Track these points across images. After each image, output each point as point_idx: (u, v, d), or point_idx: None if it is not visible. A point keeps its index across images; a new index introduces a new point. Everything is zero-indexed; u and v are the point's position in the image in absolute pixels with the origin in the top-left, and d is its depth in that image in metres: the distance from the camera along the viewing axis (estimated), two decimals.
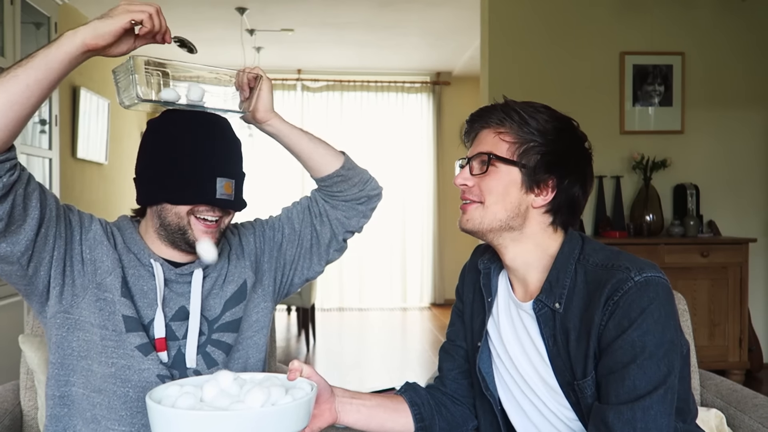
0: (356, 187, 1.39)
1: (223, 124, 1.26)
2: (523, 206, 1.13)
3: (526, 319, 1.16)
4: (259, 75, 1.25)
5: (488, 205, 1.13)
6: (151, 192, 1.23)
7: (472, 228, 1.15)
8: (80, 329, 1.18)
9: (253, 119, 1.30)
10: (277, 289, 1.41)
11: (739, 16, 4.29)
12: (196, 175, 1.19)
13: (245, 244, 1.38)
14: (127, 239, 1.25)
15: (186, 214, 1.20)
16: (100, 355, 1.18)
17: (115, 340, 1.18)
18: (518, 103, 1.15)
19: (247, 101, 1.25)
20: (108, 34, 1.01)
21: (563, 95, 4.24)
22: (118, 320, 1.18)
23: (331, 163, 1.36)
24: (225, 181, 1.21)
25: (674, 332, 1.03)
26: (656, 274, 1.04)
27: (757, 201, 4.34)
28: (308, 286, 5.20)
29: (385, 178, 7.84)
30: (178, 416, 0.90)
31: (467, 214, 1.15)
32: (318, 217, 1.41)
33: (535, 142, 1.12)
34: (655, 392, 0.99)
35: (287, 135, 1.32)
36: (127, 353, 1.18)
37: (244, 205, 1.28)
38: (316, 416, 1.13)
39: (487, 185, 1.13)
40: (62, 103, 4.83)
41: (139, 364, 1.18)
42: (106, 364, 1.17)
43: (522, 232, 1.14)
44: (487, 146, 1.14)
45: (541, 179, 1.12)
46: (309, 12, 5.33)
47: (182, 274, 1.25)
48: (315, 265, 1.44)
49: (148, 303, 1.22)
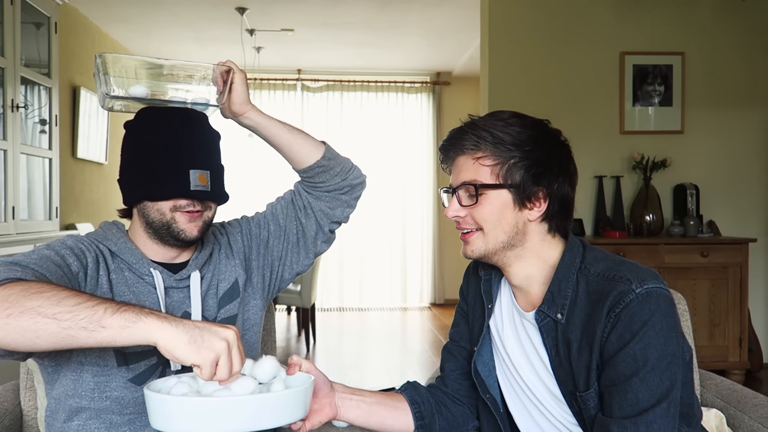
0: (338, 177, 1.38)
1: (196, 118, 1.25)
2: (520, 223, 1.12)
3: (530, 328, 1.16)
4: (230, 68, 1.25)
5: (488, 231, 1.12)
6: (131, 191, 1.24)
7: (478, 256, 1.14)
8: (70, 369, 1.17)
9: (229, 112, 1.30)
10: (266, 285, 1.40)
11: (739, 16, 4.29)
12: (169, 169, 1.19)
13: (233, 242, 1.38)
14: (120, 251, 1.23)
15: (169, 210, 1.20)
16: (92, 392, 1.16)
17: (107, 375, 1.16)
18: (486, 119, 1.13)
19: (221, 95, 1.26)
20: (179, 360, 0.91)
21: (563, 95, 4.24)
22: (109, 356, 1.17)
23: (311, 153, 1.35)
24: (199, 173, 1.20)
25: (676, 344, 1.03)
26: (658, 285, 1.04)
27: (757, 201, 4.34)
28: (308, 286, 5.19)
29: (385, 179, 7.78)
30: (172, 403, 0.89)
31: (470, 244, 1.14)
32: (302, 210, 1.40)
33: (515, 158, 1.10)
34: (658, 406, 0.99)
35: (265, 127, 1.32)
36: (120, 385, 1.17)
37: (225, 197, 1.27)
38: (316, 411, 1.14)
39: (481, 214, 1.12)
40: (62, 103, 4.83)
41: (133, 393, 1.17)
42: (99, 399, 1.16)
43: (524, 248, 1.14)
44: (468, 174, 1.12)
45: (532, 193, 1.11)
46: (309, 12, 5.33)
47: (181, 279, 1.26)
48: (303, 258, 1.42)
49: None
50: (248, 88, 1.30)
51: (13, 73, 3.54)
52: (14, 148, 3.56)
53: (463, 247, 1.16)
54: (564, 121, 3.50)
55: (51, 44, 4.02)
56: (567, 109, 4.23)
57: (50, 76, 4.02)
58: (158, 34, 5.99)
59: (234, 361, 0.92)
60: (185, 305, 1.25)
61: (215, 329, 0.92)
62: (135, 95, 1.20)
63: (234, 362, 0.92)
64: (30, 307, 0.89)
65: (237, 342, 0.93)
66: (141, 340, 0.90)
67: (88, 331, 0.89)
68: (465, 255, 1.16)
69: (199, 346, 0.90)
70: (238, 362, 0.93)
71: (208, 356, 0.90)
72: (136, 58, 1.20)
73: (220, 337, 0.92)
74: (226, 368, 0.91)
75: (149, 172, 1.20)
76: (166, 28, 5.78)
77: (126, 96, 1.19)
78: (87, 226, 4.94)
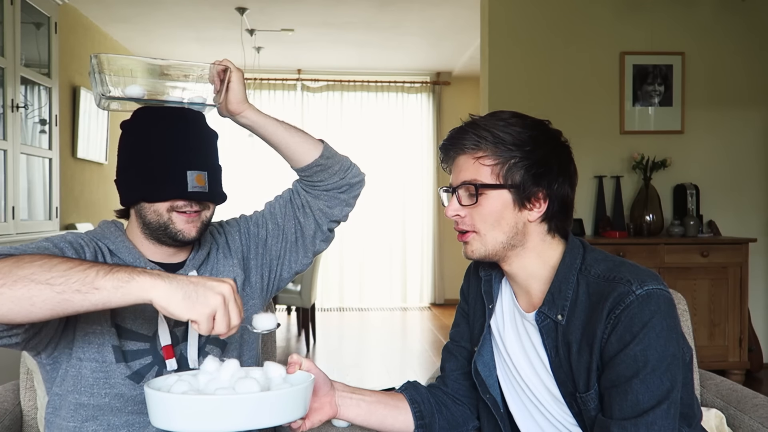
0: (337, 176, 1.37)
1: (194, 118, 1.25)
2: (520, 224, 1.12)
3: (530, 329, 1.16)
4: (227, 67, 1.25)
5: (485, 233, 1.12)
6: (128, 192, 1.23)
7: (478, 257, 1.15)
8: (70, 365, 1.17)
9: (226, 111, 1.29)
10: (265, 285, 1.40)
11: (739, 16, 4.28)
12: (166, 170, 1.18)
13: (231, 242, 1.37)
14: (118, 250, 1.23)
15: (166, 211, 1.20)
16: (91, 387, 1.16)
17: (105, 371, 1.16)
18: (487, 119, 1.13)
19: (218, 94, 1.25)
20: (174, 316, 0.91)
21: (563, 95, 4.24)
22: (108, 351, 1.17)
23: (309, 152, 1.34)
24: (196, 174, 1.19)
25: (676, 345, 1.03)
26: (658, 287, 1.04)
27: (757, 201, 4.34)
28: (308, 286, 5.19)
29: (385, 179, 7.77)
30: (172, 401, 0.89)
31: (469, 245, 1.14)
32: (301, 209, 1.40)
33: (516, 158, 1.10)
34: (658, 407, 0.99)
35: (263, 126, 1.31)
36: (118, 382, 1.17)
37: (223, 197, 1.26)
38: (316, 410, 1.14)
39: (480, 214, 1.12)
40: (62, 103, 4.83)
41: (131, 390, 1.17)
42: (98, 395, 1.16)
43: (524, 247, 1.14)
44: (468, 174, 1.12)
45: (531, 194, 1.11)
46: (309, 12, 5.33)
47: None
48: (302, 257, 1.42)
49: (146, 318, 1.21)
50: (245, 86, 1.30)
51: (13, 73, 3.54)
52: (14, 148, 3.56)
53: (464, 249, 1.16)
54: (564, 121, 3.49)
55: (51, 44, 4.02)
56: (567, 109, 4.23)
57: (50, 76, 4.02)
58: (158, 34, 5.99)
59: (232, 315, 0.93)
60: None
61: (210, 284, 0.92)
62: (131, 95, 1.19)
63: (232, 316, 0.93)
64: (22, 275, 0.90)
65: (233, 296, 0.94)
66: (135, 299, 0.90)
67: (81, 294, 0.90)
68: (466, 256, 1.16)
69: (194, 302, 0.90)
70: (236, 316, 0.93)
71: (204, 311, 0.90)
72: (131, 58, 1.19)
73: (216, 291, 0.92)
74: (224, 322, 0.92)
75: (146, 173, 1.19)
76: (166, 28, 5.78)
77: (122, 96, 1.19)
78: (87, 225, 4.94)
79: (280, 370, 1.03)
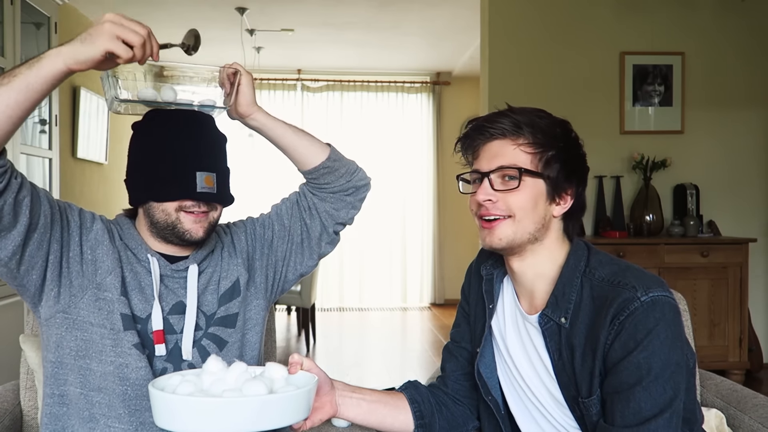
0: (343, 178, 1.39)
1: (203, 120, 1.27)
2: (547, 217, 1.12)
3: (532, 331, 1.15)
4: (237, 70, 1.26)
5: (521, 219, 1.09)
6: (137, 192, 1.26)
7: (505, 245, 1.10)
8: (78, 329, 1.19)
9: (236, 114, 1.31)
10: (270, 286, 1.41)
11: (739, 16, 4.28)
12: (175, 171, 1.21)
13: (237, 242, 1.39)
14: (125, 235, 1.27)
15: (174, 210, 1.22)
16: (99, 354, 1.19)
17: (113, 338, 1.19)
18: (519, 109, 1.12)
19: (228, 97, 1.27)
20: (89, 62, 1.00)
21: (563, 95, 4.24)
22: (116, 319, 1.20)
23: (316, 154, 1.36)
24: (205, 175, 1.22)
25: (680, 353, 1.02)
26: (663, 293, 1.03)
27: (757, 201, 4.34)
28: (308, 286, 5.19)
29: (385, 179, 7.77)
30: (177, 402, 0.90)
31: (497, 230, 1.09)
32: (307, 210, 1.41)
33: (555, 150, 1.10)
34: (660, 416, 0.98)
35: (271, 128, 1.34)
36: (125, 351, 1.19)
37: (230, 199, 1.28)
38: (316, 409, 1.14)
39: (517, 200, 1.09)
40: (62, 103, 4.83)
41: (137, 362, 1.19)
42: (105, 362, 1.19)
43: (542, 243, 1.13)
44: (507, 159, 1.09)
45: (563, 189, 1.11)
46: (309, 12, 5.33)
47: (177, 270, 1.28)
48: (307, 259, 1.43)
49: (145, 298, 1.24)
50: (255, 89, 1.32)
51: None
52: (14, 148, 3.56)
53: (487, 237, 1.11)
54: None
55: (51, 44, 4.01)
56: (567, 109, 4.18)
57: None
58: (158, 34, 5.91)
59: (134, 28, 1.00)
60: (180, 295, 1.27)
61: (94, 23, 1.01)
62: (144, 98, 1.22)
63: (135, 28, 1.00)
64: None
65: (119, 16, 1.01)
66: (50, 70, 0.99)
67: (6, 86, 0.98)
68: (490, 245, 1.11)
69: (93, 38, 0.99)
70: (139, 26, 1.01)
71: (105, 40, 0.98)
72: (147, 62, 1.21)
73: (100, 22, 1.00)
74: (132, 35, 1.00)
75: (156, 173, 1.22)
76: (166, 28, 5.77)
77: (135, 99, 1.21)
78: None
79: (282, 371, 1.03)
